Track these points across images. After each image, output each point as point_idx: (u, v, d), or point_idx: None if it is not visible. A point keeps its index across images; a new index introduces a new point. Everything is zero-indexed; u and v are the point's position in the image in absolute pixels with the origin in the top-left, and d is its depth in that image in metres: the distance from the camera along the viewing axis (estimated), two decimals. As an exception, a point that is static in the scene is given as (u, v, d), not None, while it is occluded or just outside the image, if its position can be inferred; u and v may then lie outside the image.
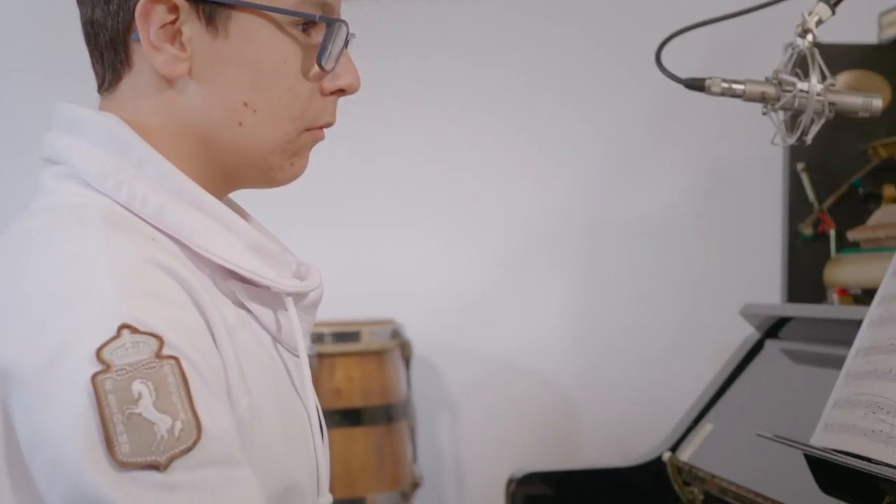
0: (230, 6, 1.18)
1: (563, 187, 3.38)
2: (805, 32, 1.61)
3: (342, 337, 3.05)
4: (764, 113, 1.68)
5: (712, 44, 3.20)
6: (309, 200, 3.16)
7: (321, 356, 3.00)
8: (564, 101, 3.37)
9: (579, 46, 3.37)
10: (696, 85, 1.64)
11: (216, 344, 1.11)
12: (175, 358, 1.03)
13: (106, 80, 1.22)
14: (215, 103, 1.19)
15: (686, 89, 1.64)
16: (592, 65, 3.37)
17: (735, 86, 1.64)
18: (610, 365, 3.38)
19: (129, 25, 1.19)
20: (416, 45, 3.38)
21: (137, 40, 1.18)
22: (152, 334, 1.03)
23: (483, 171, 3.38)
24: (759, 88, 1.64)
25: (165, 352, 1.03)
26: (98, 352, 1.01)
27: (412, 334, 3.23)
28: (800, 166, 2.18)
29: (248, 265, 1.20)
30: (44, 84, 3.29)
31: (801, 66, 1.64)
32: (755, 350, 2.08)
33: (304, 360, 1.26)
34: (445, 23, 3.38)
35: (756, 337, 2.09)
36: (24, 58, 3.39)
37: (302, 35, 1.21)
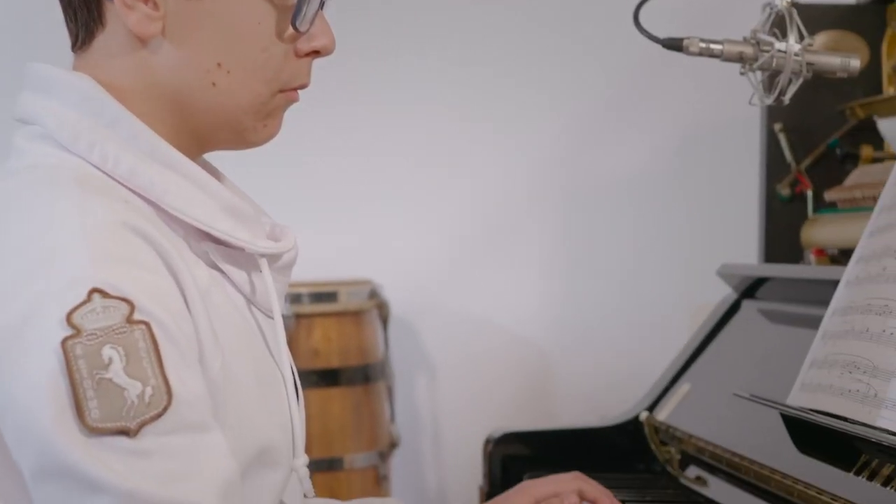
0: (204, -35, 1.16)
1: (541, 148, 3.38)
2: (783, -8, 1.60)
3: (319, 297, 3.04)
4: (742, 73, 1.68)
5: (690, 3, 3.20)
6: (286, 161, 3.13)
7: (298, 316, 3.00)
8: (542, 62, 3.36)
9: (557, 4, 3.35)
10: (674, 45, 1.63)
11: (188, 306, 1.10)
12: (146, 323, 1.03)
13: (79, 39, 1.21)
14: (189, 63, 1.18)
15: (664, 49, 1.64)
16: (570, 24, 3.35)
17: (713, 46, 1.63)
18: (587, 325, 3.39)
19: (102, -17, 1.17)
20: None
21: (111, -1, 1.17)
22: (123, 299, 1.03)
23: (461, 131, 3.37)
24: (736, 48, 1.63)
25: (136, 317, 1.03)
26: (69, 316, 1.01)
27: (390, 295, 3.22)
28: (777, 126, 2.17)
29: (222, 226, 1.19)
30: (17, 43, 3.25)
31: (779, 26, 1.63)
32: (732, 310, 2.08)
33: (279, 322, 1.25)
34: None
35: (733, 297, 2.09)
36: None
37: (277, -5, 1.19)
